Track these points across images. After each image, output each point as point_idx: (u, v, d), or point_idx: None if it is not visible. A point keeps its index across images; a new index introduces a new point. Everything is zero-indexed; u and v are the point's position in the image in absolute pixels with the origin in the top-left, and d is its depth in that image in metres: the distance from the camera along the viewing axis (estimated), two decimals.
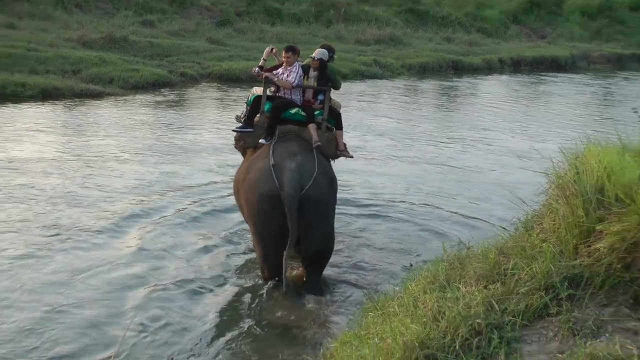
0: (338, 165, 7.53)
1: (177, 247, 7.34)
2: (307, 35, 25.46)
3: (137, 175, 9.78)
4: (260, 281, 6.43)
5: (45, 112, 13.79)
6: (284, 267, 5.86)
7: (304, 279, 6.43)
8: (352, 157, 7.23)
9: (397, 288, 4.79)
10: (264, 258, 6.17)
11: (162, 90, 17.10)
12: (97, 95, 15.59)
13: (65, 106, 14.46)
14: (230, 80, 18.93)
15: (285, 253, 5.85)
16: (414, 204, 9.30)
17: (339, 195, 6.97)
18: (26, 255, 6.78)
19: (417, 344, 3.55)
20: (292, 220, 5.75)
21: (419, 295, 4.19)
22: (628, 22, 40.26)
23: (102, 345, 5.26)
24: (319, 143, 6.47)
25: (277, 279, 6.09)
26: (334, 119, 6.95)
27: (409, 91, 20.66)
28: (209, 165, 10.58)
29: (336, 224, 6.83)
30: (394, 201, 9.42)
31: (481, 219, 8.67)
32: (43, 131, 12.06)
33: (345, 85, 8.08)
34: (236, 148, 7.22)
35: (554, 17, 38.67)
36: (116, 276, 6.48)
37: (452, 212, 9.01)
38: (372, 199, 9.42)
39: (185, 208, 8.56)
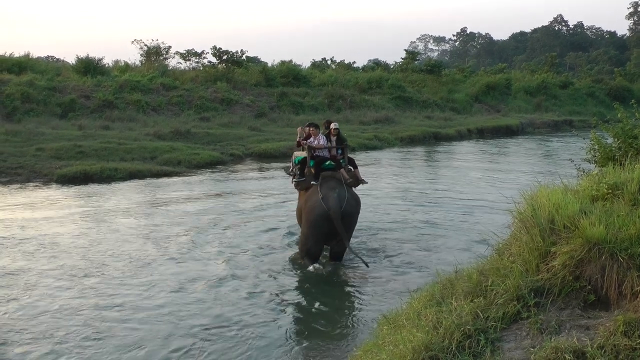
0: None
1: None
2: (323, 120, 25.60)
3: (214, 205, 11.99)
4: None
5: (133, 187, 14.11)
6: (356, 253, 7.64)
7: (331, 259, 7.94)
8: (367, 182, 8.67)
9: (404, 306, 4.73)
10: (309, 250, 7.69)
11: (217, 167, 17.30)
12: (169, 174, 15.72)
13: (146, 183, 14.70)
14: (267, 157, 19.07)
15: (346, 245, 7.54)
16: (418, 228, 9.82)
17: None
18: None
19: (422, 348, 3.52)
20: (338, 226, 7.38)
21: (421, 310, 4.14)
22: (559, 97, 41.01)
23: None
24: (350, 180, 8.05)
25: (314, 265, 7.58)
26: (351, 164, 8.47)
27: (403, 155, 20.77)
28: (255, 200, 12.54)
29: None
30: (396, 226, 9.89)
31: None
32: (136, 196, 12.61)
33: (352, 155, 8.82)
34: (296, 188, 8.74)
35: (505, 96, 39.08)
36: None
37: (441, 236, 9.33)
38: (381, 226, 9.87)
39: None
